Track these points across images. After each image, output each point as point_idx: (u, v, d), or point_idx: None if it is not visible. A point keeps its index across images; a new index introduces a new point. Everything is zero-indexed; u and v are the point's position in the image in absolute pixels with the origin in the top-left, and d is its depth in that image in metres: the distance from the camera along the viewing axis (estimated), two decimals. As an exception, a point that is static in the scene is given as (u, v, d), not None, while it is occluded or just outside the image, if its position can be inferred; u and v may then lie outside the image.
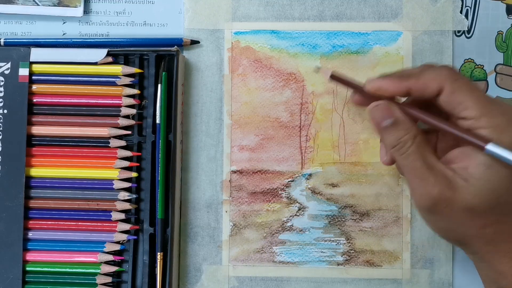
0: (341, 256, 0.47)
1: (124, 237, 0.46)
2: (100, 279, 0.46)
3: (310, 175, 0.47)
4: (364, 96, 0.40)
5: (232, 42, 0.48)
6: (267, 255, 0.47)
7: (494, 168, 0.36)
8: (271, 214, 0.48)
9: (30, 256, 0.46)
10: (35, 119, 0.46)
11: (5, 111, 0.46)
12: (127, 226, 0.46)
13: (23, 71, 0.46)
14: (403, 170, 0.39)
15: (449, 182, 0.37)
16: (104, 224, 0.46)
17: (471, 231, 0.38)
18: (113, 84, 0.46)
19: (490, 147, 0.35)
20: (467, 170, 0.37)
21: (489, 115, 0.36)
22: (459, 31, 0.48)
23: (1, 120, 0.46)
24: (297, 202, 0.48)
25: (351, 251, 0.47)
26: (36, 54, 0.46)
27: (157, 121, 0.45)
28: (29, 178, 0.46)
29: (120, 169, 0.46)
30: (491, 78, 0.48)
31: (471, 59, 0.48)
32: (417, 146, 0.38)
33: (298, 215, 0.47)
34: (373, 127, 0.40)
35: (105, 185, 0.46)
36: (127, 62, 0.47)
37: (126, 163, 0.46)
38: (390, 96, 0.39)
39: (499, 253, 0.38)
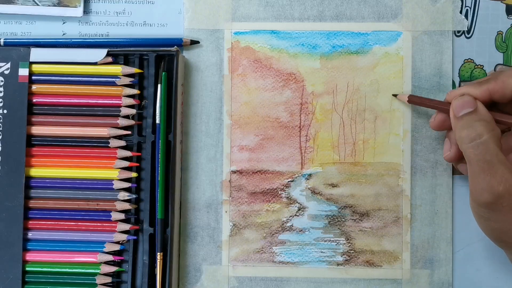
0: (341, 256, 0.47)
1: (124, 237, 0.46)
2: (100, 279, 0.46)
3: (310, 175, 0.47)
4: (446, 112, 0.42)
5: (232, 42, 0.48)
6: (267, 255, 0.47)
7: None
8: (271, 214, 0.48)
9: (30, 256, 0.46)
10: (35, 119, 0.46)
11: (5, 111, 0.46)
12: (127, 226, 0.46)
13: (23, 71, 0.46)
14: (470, 161, 0.39)
15: None
16: (104, 224, 0.46)
17: None
18: (113, 84, 0.46)
19: None
20: None
21: None
22: (459, 31, 0.48)
23: (1, 120, 0.46)
24: (297, 202, 0.48)
25: (351, 251, 0.47)
26: (36, 54, 0.46)
27: (157, 121, 0.45)
28: (29, 178, 0.46)
29: (120, 169, 0.46)
30: (491, 78, 0.48)
31: (471, 59, 0.48)
32: (491, 138, 0.38)
33: (298, 215, 0.47)
34: (451, 118, 0.41)
35: (105, 185, 0.46)
36: (127, 62, 0.47)
37: (126, 163, 0.46)
38: None
39: None
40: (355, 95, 0.48)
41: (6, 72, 0.46)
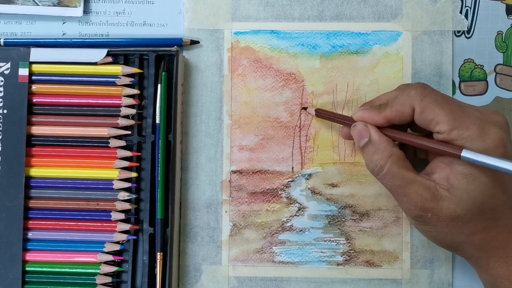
0: (341, 256, 0.47)
1: (123, 237, 0.46)
2: (99, 279, 0.46)
3: (310, 175, 0.47)
4: (350, 126, 0.42)
5: (232, 42, 0.48)
6: (267, 255, 0.47)
7: (472, 177, 0.37)
8: (271, 214, 0.48)
9: (30, 256, 0.46)
10: (35, 119, 0.46)
11: (5, 111, 0.46)
12: (126, 226, 0.46)
13: (23, 71, 0.46)
14: (386, 188, 0.40)
15: (432, 193, 0.38)
16: (104, 224, 0.46)
17: (460, 238, 0.38)
18: (113, 84, 0.46)
19: (464, 153, 0.36)
20: (448, 180, 0.38)
21: (459, 127, 0.37)
22: (459, 31, 0.48)
23: (1, 120, 0.46)
24: (297, 202, 0.48)
25: (351, 251, 0.47)
26: (36, 54, 0.46)
27: (157, 121, 0.45)
28: (29, 178, 0.46)
29: (120, 169, 0.46)
30: (491, 78, 0.48)
31: (471, 59, 0.48)
32: (392, 165, 0.39)
33: (298, 215, 0.47)
34: (357, 146, 0.42)
35: (105, 185, 0.46)
36: (127, 62, 0.47)
37: (126, 163, 0.46)
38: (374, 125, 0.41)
39: (493, 258, 0.38)
40: (355, 95, 0.48)
41: (6, 72, 0.46)
